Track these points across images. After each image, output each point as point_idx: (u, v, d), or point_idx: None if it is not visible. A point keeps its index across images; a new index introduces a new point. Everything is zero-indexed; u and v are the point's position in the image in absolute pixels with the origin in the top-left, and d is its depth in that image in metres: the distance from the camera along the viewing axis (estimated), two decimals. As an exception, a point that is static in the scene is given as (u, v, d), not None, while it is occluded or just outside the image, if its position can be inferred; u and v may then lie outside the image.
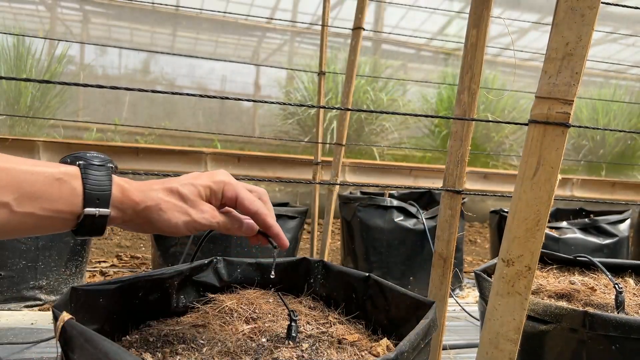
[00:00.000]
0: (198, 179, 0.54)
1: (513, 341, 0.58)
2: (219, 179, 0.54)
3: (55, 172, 0.45)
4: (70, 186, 0.46)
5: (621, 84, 4.89)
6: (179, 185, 0.52)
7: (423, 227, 1.74)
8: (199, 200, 0.53)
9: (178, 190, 0.52)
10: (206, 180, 0.54)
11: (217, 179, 0.54)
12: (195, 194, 0.53)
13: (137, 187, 0.51)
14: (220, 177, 0.55)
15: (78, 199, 0.46)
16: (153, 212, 0.50)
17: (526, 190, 0.57)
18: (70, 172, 0.46)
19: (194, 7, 4.08)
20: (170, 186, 0.52)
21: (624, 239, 1.86)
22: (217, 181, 0.54)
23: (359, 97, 4.10)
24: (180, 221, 0.52)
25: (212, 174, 0.55)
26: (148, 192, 0.50)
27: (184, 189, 0.52)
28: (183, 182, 0.53)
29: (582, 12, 0.52)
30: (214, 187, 0.54)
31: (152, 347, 0.54)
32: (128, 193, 0.49)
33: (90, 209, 0.46)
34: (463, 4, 4.66)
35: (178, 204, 0.51)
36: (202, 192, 0.53)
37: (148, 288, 0.61)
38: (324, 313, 0.67)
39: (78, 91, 3.82)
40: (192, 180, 0.53)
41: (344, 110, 1.62)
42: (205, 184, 0.53)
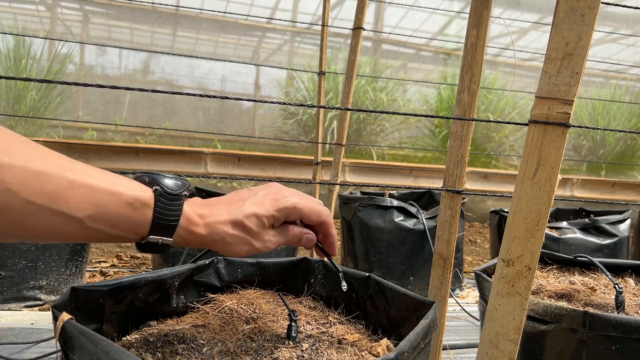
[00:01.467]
0: (262, 208, 0.54)
1: (513, 341, 0.58)
2: (282, 207, 0.55)
3: (129, 197, 0.46)
4: (141, 213, 0.47)
5: (621, 84, 4.89)
6: (244, 218, 0.53)
7: (423, 227, 1.74)
8: (262, 232, 0.54)
9: (243, 224, 0.53)
10: (270, 209, 0.54)
11: (281, 207, 0.55)
12: (260, 225, 0.54)
13: (204, 219, 0.51)
14: (283, 204, 0.55)
15: (145, 227, 0.48)
16: (217, 244, 0.52)
17: (526, 190, 0.57)
18: (144, 199, 0.47)
19: (194, 7, 4.08)
20: (236, 218, 0.52)
21: (624, 239, 1.86)
22: (280, 209, 0.55)
23: (359, 97, 4.10)
24: (244, 251, 0.54)
25: (276, 200, 0.55)
26: (214, 226, 0.51)
27: (249, 222, 0.53)
28: (247, 213, 0.53)
29: (582, 12, 0.52)
30: (277, 216, 0.55)
31: (152, 347, 0.54)
32: (194, 228, 0.50)
33: (154, 237, 0.48)
34: (463, 4, 4.66)
35: (242, 237, 0.53)
36: (266, 222, 0.54)
37: (148, 289, 0.61)
38: (324, 313, 0.67)
39: (78, 91, 3.82)
40: (256, 210, 0.53)
41: (344, 110, 1.62)
42: (269, 214, 0.54)
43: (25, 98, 3.40)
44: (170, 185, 0.49)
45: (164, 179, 0.50)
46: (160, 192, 0.48)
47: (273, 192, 0.56)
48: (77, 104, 3.88)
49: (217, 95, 0.63)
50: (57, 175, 0.42)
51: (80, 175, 0.43)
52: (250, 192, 0.56)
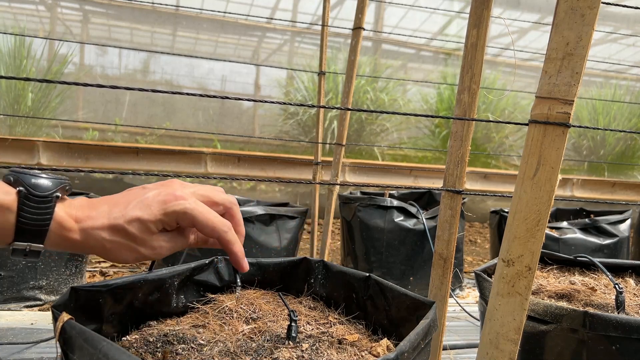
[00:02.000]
0: (147, 211, 0.48)
1: (513, 341, 0.58)
2: (170, 210, 0.48)
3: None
4: (3, 218, 0.42)
5: (621, 84, 4.89)
6: (125, 222, 0.47)
7: (423, 227, 1.74)
8: (148, 237, 0.48)
9: (124, 229, 0.47)
10: (156, 212, 0.48)
11: (169, 210, 0.48)
12: (144, 231, 0.48)
13: (80, 224, 0.46)
14: (172, 208, 0.48)
15: (9, 232, 0.43)
16: (96, 250, 0.47)
17: (526, 190, 0.56)
18: (5, 202, 0.43)
19: (194, 7, 4.08)
20: (115, 223, 0.47)
21: (624, 239, 1.86)
22: (168, 213, 0.48)
23: (359, 97, 4.10)
24: (130, 257, 0.48)
25: (164, 202, 0.49)
26: (91, 232, 0.46)
27: (130, 226, 0.47)
28: (130, 216, 0.47)
29: (582, 12, 0.52)
30: (165, 220, 0.48)
31: (152, 347, 0.54)
32: (67, 234, 0.45)
33: (20, 243, 0.44)
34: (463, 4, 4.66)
35: (125, 243, 0.47)
36: (152, 228, 0.48)
37: (148, 289, 0.61)
38: (324, 313, 0.67)
39: (78, 91, 3.82)
40: (139, 214, 0.47)
41: (344, 110, 1.62)
42: (155, 218, 0.48)
43: (25, 98, 3.40)
44: (39, 185, 0.44)
45: (31, 179, 0.44)
46: (24, 194, 0.43)
47: (165, 192, 0.49)
48: (77, 104, 3.88)
49: (217, 95, 0.63)
50: None
51: None
52: (141, 192, 0.50)
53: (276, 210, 1.55)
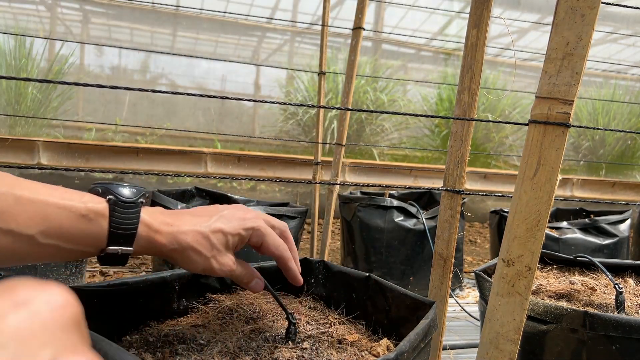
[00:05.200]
0: (229, 225, 0.53)
1: (513, 341, 0.58)
2: (249, 226, 0.54)
3: (82, 208, 0.44)
4: (96, 225, 0.45)
5: (621, 84, 4.89)
6: (210, 232, 0.51)
7: (423, 227, 1.74)
8: (224, 251, 0.52)
9: (208, 238, 0.51)
10: (237, 227, 0.53)
11: (247, 226, 0.54)
12: (224, 243, 0.52)
13: (167, 227, 0.49)
14: (249, 224, 0.54)
15: (103, 238, 0.46)
16: (176, 254, 0.50)
17: (526, 190, 0.56)
18: (98, 210, 0.46)
19: (194, 7, 4.08)
20: (202, 231, 0.51)
21: (624, 239, 1.86)
22: (247, 228, 0.54)
23: (359, 97, 4.10)
24: (200, 267, 0.51)
25: (243, 219, 0.54)
26: (177, 236, 0.50)
27: (214, 237, 0.51)
28: (214, 227, 0.51)
29: (582, 12, 0.52)
30: (243, 234, 0.54)
31: (152, 347, 0.54)
32: (155, 236, 0.49)
33: (113, 247, 0.47)
34: (463, 4, 4.66)
35: (204, 252, 0.51)
36: (230, 241, 0.53)
37: (149, 290, 0.61)
38: (324, 313, 0.67)
39: (78, 91, 3.82)
40: (223, 226, 0.52)
41: (344, 110, 1.62)
42: (235, 231, 0.53)
43: (25, 98, 3.40)
44: (124, 193, 0.48)
45: (118, 188, 0.48)
46: (114, 201, 0.47)
47: (241, 210, 0.55)
48: (77, 104, 3.88)
49: (217, 95, 0.63)
50: (3, 193, 0.40)
51: (27, 192, 0.42)
52: (217, 209, 0.55)
53: (276, 210, 1.55)
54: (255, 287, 0.57)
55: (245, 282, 0.57)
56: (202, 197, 1.90)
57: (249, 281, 0.57)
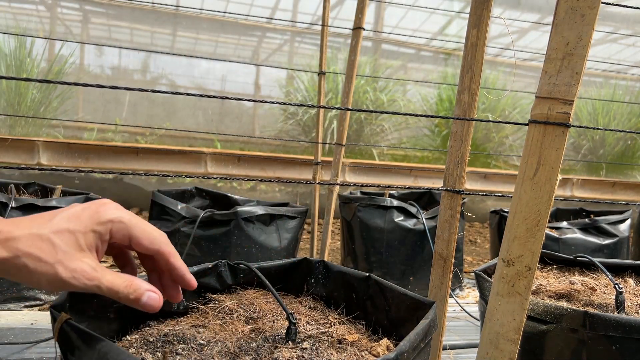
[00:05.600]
0: (77, 222, 0.42)
1: (513, 341, 0.58)
2: (105, 219, 0.43)
3: None
4: None
5: (621, 84, 4.89)
6: (52, 233, 0.41)
7: (423, 227, 1.74)
8: (75, 255, 0.41)
9: (49, 239, 0.40)
10: (88, 223, 0.42)
11: (103, 219, 0.43)
12: (72, 244, 0.41)
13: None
14: (107, 216, 0.43)
15: None
16: (8, 265, 0.40)
17: (526, 190, 0.56)
18: None
19: (194, 7, 4.08)
20: (39, 232, 0.40)
21: (624, 239, 1.86)
22: (103, 222, 0.43)
23: (359, 97, 4.10)
24: (44, 279, 0.40)
25: (96, 212, 0.43)
26: (6, 243, 0.40)
27: (58, 238, 0.41)
28: (57, 228, 0.41)
29: (582, 12, 0.52)
30: (99, 230, 0.43)
31: (152, 347, 0.54)
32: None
33: None
34: (463, 4, 4.66)
35: (44, 258, 0.40)
36: (82, 241, 0.42)
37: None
38: (324, 313, 0.67)
39: (78, 91, 3.82)
40: (68, 225, 0.41)
41: (344, 110, 1.62)
42: (87, 228, 0.42)
43: (25, 98, 3.40)
44: None
45: None
46: None
47: (96, 205, 0.44)
48: (77, 104, 3.88)
49: (217, 96, 0.63)
50: None
51: None
52: (66, 208, 0.44)
53: (276, 210, 1.55)
54: (148, 303, 0.44)
55: (132, 299, 0.43)
56: (202, 197, 1.90)
57: (135, 296, 0.43)
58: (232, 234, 1.38)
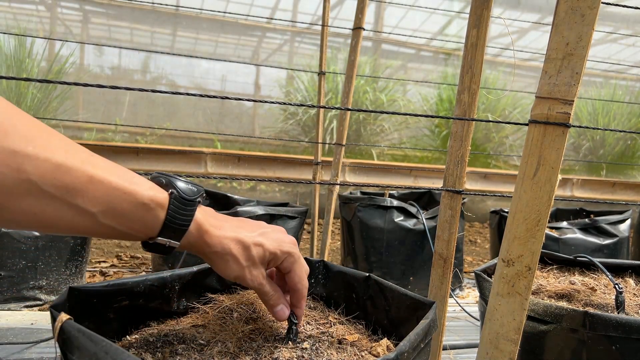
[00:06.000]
0: (269, 242, 0.54)
1: (513, 341, 0.58)
2: (286, 250, 0.55)
3: (145, 197, 0.46)
4: (154, 214, 0.47)
5: (621, 84, 4.89)
6: (252, 243, 0.53)
7: (423, 227, 1.74)
8: (259, 265, 0.54)
9: (249, 249, 0.53)
10: (276, 246, 0.55)
11: (285, 249, 0.55)
12: (261, 257, 0.53)
13: (214, 230, 0.51)
14: (286, 248, 0.55)
15: (156, 228, 0.47)
16: (216, 257, 0.52)
17: (526, 190, 0.56)
18: (159, 200, 0.47)
19: (194, 7, 4.08)
20: (244, 240, 0.52)
21: (624, 239, 1.86)
22: (284, 251, 0.55)
23: (359, 97, 4.10)
24: (233, 274, 0.53)
25: (282, 241, 0.56)
26: (222, 240, 0.51)
27: (255, 249, 0.53)
28: (256, 240, 0.53)
29: (582, 12, 0.52)
30: (278, 255, 0.55)
31: (152, 347, 0.54)
32: (202, 236, 0.50)
33: (163, 239, 0.48)
34: (463, 4, 4.66)
35: (241, 261, 0.52)
36: (266, 257, 0.54)
37: (149, 291, 0.61)
38: (324, 313, 0.67)
39: (78, 91, 3.82)
40: (263, 241, 0.54)
41: (344, 110, 1.62)
42: (273, 250, 0.54)
43: (25, 98, 3.40)
44: (185, 189, 0.49)
45: (179, 182, 0.50)
46: (175, 196, 0.48)
47: (281, 233, 0.57)
48: (77, 104, 3.88)
49: (217, 96, 0.63)
50: (78, 169, 0.42)
51: (100, 171, 0.43)
52: (261, 225, 0.56)
53: (276, 210, 1.55)
54: (279, 314, 0.57)
55: (271, 304, 0.56)
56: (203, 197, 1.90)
57: (275, 304, 0.56)
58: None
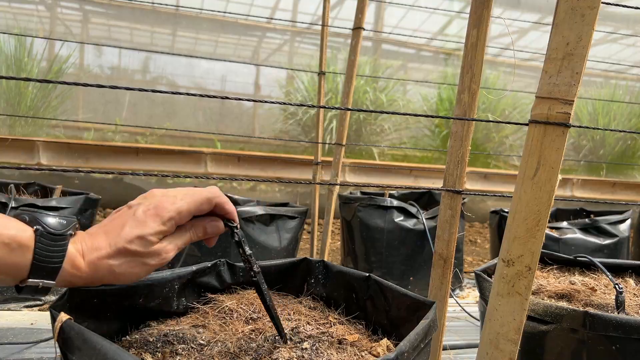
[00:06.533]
0: (145, 228, 0.49)
1: (513, 341, 0.58)
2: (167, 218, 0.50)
3: (4, 237, 0.42)
4: (19, 255, 0.43)
5: (621, 84, 4.89)
6: (127, 243, 0.48)
7: (423, 227, 1.74)
8: (151, 250, 0.50)
9: (127, 250, 0.48)
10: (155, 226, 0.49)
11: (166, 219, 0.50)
12: (147, 245, 0.49)
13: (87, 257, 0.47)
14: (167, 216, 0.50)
15: (24, 270, 0.44)
16: (108, 279, 0.49)
17: (526, 191, 0.56)
18: (22, 240, 0.43)
19: (194, 7, 4.08)
20: (118, 248, 0.48)
21: (624, 239, 1.86)
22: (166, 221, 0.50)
23: (359, 97, 4.10)
24: (142, 272, 0.50)
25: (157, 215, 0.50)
26: (98, 263, 0.47)
27: (133, 246, 0.48)
28: (129, 237, 0.48)
29: (582, 12, 0.52)
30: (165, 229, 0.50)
31: (152, 347, 0.54)
32: (77, 271, 0.47)
33: (34, 280, 0.45)
34: (463, 4, 4.66)
35: (132, 262, 0.49)
36: (154, 240, 0.50)
37: (148, 290, 0.61)
38: (324, 313, 0.67)
39: (78, 91, 3.81)
40: (139, 232, 0.49)
41: (344, 110, 1.62)
42: (155, 231, 0.49)
43: (25, 98, 3.40)
44: (53, 224, 0.45)
45: (46, 218, 0.46)
46: (41, 232, 0.44)
47: (153, 205, 0.51)
48: (77, 104, 3.88)
49: (217, 96, 0.63)
50: None
51: None
52: (129, 212, 0.51)
53: (276, 210, 1.55)
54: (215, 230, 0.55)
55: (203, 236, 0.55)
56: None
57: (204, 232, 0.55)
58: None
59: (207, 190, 0.54)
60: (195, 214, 0.53)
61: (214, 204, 0.54)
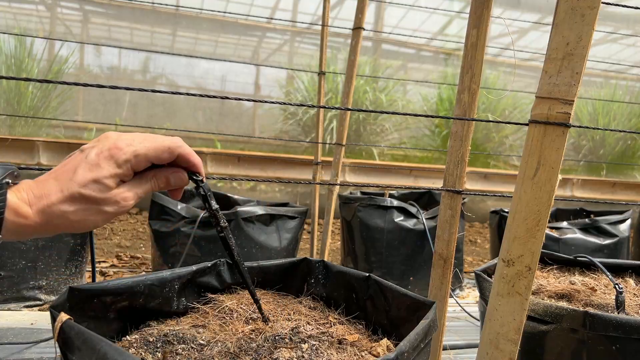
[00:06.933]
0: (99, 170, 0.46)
1: (513, 341, 0.58)
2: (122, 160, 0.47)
3: None
4: None
5: (621, 84, 4.89)
6: (81, 187, 0.45)
7: (423, 227, 1.74)
8: (110, 194, 0.46)
9: (82, 195, 0.45)
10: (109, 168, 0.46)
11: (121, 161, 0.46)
12: (103, 189, 0.46)
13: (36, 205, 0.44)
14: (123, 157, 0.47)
15: None
16: (63, 227, 0.45)
17: (526, 191, 0.56)
18: None
19: (194, 7, 4.08)
20: (71, 192, 0.44)
21: (624, 239, 1.86)
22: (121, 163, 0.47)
23: (359, 97, 4.10)
24: (100, 220, 0.47)
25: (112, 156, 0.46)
26: (50, 210, 0.44)
27: (88, 190, 0.45)
28: (83, 180, 0.45)
29: (582, 12, 0.52)
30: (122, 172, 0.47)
31: (152, 347, 0.54)
32: (25, 220, 0.43)
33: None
34: (463, 4, 4.66)
35: (88, 208, 0.45)
36: (110, 183, 0.46)
37: (148, 290, 0.61)
38: (324, 313, 0.67)
39: (78, 91, 3.82)
40: (92, 175, 0.45)
41: (344, 110, 1.62)
42: (110, 173, 0.46)
43: (25, 98, 3.40)
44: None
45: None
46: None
47: (107, 147, 0.47)
48: (77, 104, 3.88)
49: (217, 96, 0.63)
50: None
51: None
52: (81, 155, 0.47)
53: (276, 210, 1.55)
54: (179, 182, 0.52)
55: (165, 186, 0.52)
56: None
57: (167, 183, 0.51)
58: (232, 234, 1.38)
59: (169, 138, 0.51)
60: (153, 161, 0.49)
61: (177, 154, 0.51)
